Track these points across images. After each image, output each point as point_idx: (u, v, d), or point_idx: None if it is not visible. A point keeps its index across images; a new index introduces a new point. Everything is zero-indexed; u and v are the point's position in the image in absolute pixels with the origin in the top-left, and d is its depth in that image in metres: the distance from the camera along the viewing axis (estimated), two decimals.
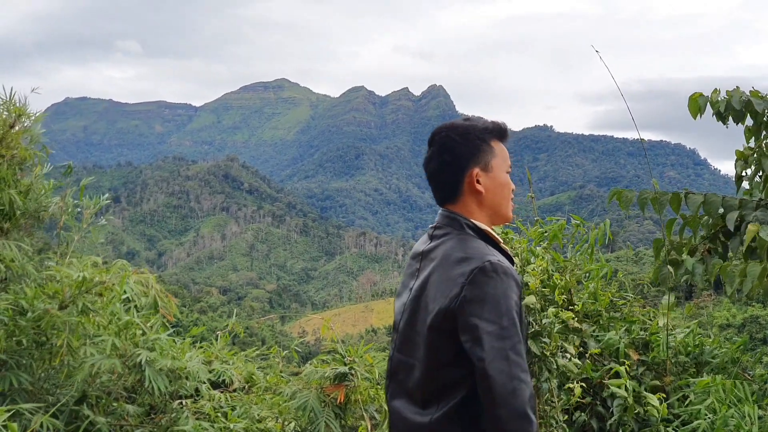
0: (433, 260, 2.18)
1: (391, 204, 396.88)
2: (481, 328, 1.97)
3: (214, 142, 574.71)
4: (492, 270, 2.02)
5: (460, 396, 2.06)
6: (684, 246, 4.36)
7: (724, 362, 4.34)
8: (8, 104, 4.21)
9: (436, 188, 2.27)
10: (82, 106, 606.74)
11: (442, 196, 2.27)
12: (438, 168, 2.23)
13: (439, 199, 2.28)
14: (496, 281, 2.02)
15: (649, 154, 5.93)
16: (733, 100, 4.35)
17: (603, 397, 4.23)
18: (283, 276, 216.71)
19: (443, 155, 2.21)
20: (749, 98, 4.33)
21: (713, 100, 4.43)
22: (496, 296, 2.00)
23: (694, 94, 4.47)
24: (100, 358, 3.69)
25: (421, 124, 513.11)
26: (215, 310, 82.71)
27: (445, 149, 2.21)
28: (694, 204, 4.12)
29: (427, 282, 2.15)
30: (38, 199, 4.14)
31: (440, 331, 2.07)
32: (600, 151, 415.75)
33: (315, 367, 4.44)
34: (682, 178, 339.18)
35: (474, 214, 2.23)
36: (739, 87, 4.45)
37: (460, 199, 2.23)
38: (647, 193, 4.26)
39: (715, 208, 4.06)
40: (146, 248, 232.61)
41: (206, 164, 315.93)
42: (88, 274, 3.80)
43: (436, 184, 2.27)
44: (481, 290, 2.00)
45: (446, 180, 2.23)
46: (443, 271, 2.11)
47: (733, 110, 4.37)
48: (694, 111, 4.45)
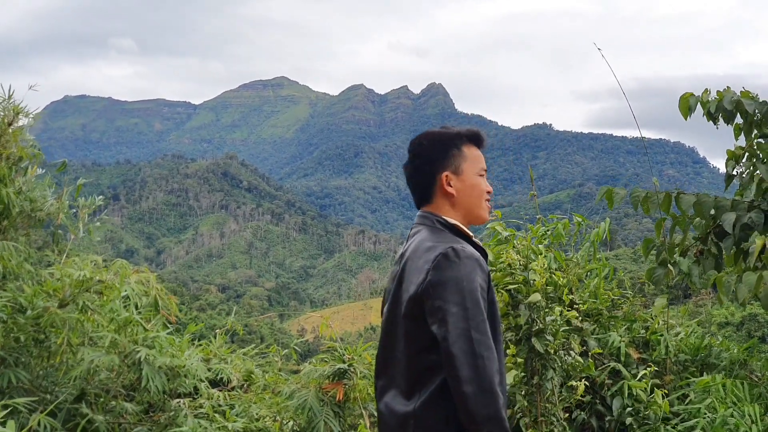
0: (405, 255, 2.30)
1: (390, 202, 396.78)
2: (444, 310, 2.07)
3: (213, 140, 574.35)
4: (455, 255, 2.13)
5: (439, 380, 2.12)
6: (677, 247, 4.35)
7: (731, 364, 4.34)
8: (6, 102, 4.19)
9: (413, 191, 2.42)
10: (81, 104, 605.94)
11: (418, 198, 2.41)
12: (412, 172, 2.39)
13: (416, 201, 2.43)
14: (459, 265, 2.12)
15: (648, 153, 5.92)
16: (724, 101, 4.36)
17: (603, 396, 4.22)
18: (282, 274, 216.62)
19: (416, 160, 2.37)
20: (739, 98, 4.33)
21: (704, 100, 4.44)
22: (458, 279, 2.09)
23: (685, 94, 4.47)
24: (99, 354, 3.68)
25: (420, 122, 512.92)
26: (214, 308, 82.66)
27: (418, 155, 2.37)
28: (686, 204, 4.12)
29: (402, 276, 2.26)
30: (34, 198, 4.12)
31: (413, 318, 2.17)
32: (599, 149, 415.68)
33: (314, 366, 4.43)
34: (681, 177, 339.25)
35: (448, 214, 2.35)
36: (730, 87, 4.46)
37: (434, 200, 2.37)
38: (639, 192, 4.25)
39: (707, 209, 4.06)
40: (145, 246, 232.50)
41: (205, 162, 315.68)
42: (89, 273, 3.80)
43: (412, 187, 2.42)
44: (444, 274, 2.11)
45: (420, 182, 2.39)
46: (413, 263, 2.22)
47: (723, 110, 4.37)
48: (684, 111, 4.45)
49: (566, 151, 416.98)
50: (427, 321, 2.12)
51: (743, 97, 4.33)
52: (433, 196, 2.36)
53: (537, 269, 4.29)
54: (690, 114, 4.43)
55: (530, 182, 5.49)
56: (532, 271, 4.27)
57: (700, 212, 4.07)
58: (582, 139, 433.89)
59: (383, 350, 2.34)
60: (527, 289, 4.22)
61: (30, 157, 4.23)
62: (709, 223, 4.17)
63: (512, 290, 4.21)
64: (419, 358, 2.15)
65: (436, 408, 2.11)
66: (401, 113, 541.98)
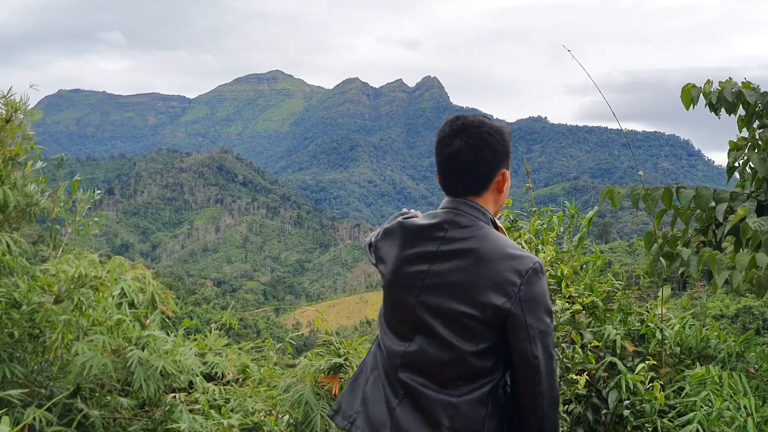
0: (462, 249, 2.18)
1: (385, 195, 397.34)
2: (534, 327, 2.11)
3: (208, 134, 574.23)
4: (541, 271, 2.14)
5: (492, 383, 2.17)
6: (678, 239, 4.35)
7: (727, 356, 4.35)
8: (5, 99, 4.17)
9: (463, 178, 2.26)
10: (76, 98, 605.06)
11: (466, 188, 2.27)
12: (474, 161, 2.22)
13: (460, 188, 2.27)
14: (543, 281, 2.14)
15: (643, 145, 5.95)
16: (725, 92, 4.35)
17: (599, 389, 4.23)
18: (278, 268, 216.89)
19: (484, 151, 2.22)
20: (741, 89, 4.32)
21: (706, 91, 4.43)
22: (545, 296, 2.14)
23: (687, 85, 4.46)
24: (92, 355, 3.67)
25: (415, 115, 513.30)
26: (209, 302, 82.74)
27: (487, 145, 2.23)
28: (685, 198, 4.11)
29: (462, 270, 2.16)
30: (29, 193, 4.11)
31: (482, 321, 2.12)
32: (594, 143, 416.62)
33: (310, 360, 4.43)
34: (676, 169, 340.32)
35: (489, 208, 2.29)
36: (731, 78, 4.45)
37: (483, 194, 2.27)
38: (638, 189, 4.24)
39: (707, 202, 4.05)
40: (140, 240, 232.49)
41: (200, 156, 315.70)
42: (84, 269, 3.78)
43: (465, 175, 2.25)
44: (534, 290, 2.11)
45: (480, 174, 2.25)
46: (489, 266, 2.13)
47: (725, 101, 4.36)
48: (687, 102, 4.44)
49: (561, 144, 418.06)
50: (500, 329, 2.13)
51: (744, 88, 4.32)
52: (484, 190, 2.26)
53: (543, 261, 4.30)
54: (693, 105, 4.42)
55: (526, 175, 5.49)
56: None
57: (700, 205, 4.06)
58: (577, 132, 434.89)
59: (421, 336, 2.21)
60: None
61: (27, 152, 4.20)
62: (710, 215, 4.17)
63: None
64: (474, 359, 2.14)
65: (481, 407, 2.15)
66: (396, 107, 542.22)
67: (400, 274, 2.29)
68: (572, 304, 4.54)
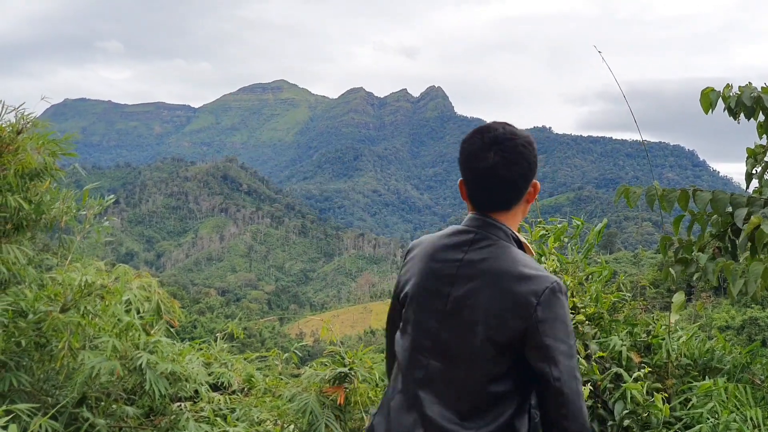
0: (480, 271, 2.15)
1: (390, 205, 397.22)
2: (554, 348, 2.04)
3: (213, 143, 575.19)
4: (559, 290, 2.08)
5: (512, 410, 2.12)
6: (694, 244, 4.31)
7: (733, 368, 4.33)
8: (15, 111, 4.20)
9: (497, 194, 2.20)
10: (81, 107, 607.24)
11: (497, 202, 2.22)
12: (511, 177, 2.16)
13: (490, 204, 2.23)
14: (563, 301, 2.09)
15: (648, 155, 5.92)
16: (744, 96, 4.31)
17: (605, 400, 4.22)
18: (282, 277, 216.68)
19: (521, 163, 2.16)
20: (760, 94, 4.28)
21: (725, 95, 4.38)
22: (564, 316, 2.08)
23: (706, 89, 4.43)
24: (100, 360, 3.68)
25: (419, 125, 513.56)
26: (213, 312, 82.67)
27: (523, 158, 2.16)
28: (702, 202, 4.07)
29: (479, 292, 2.13)
30: (43, 202, 4.13)
31: (500, 345, 2.09)
32: (599, 153, 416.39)
33: (315, 370, 4.43)
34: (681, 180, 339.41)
35: (515, 223, 2.25)
36: (751, 83, 4.41)
37: (514, 208, 2.23)
38: (654, 190, 4.21)
39: (723, 206, 4.01)
40: (145, 249, 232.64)
41: (205, 165, 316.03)
42: (90, 278, 3.80)
43: (500, 190, 2.19)
44: (553, 310, 2.06)
45: (515, 188, 2.19)
46: (504, 286, 2.10)
47: (743, 106, 4.33)
48: (705, 106, 4.40)
49: (566, 154, 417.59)
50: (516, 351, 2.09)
51: (764, 93, 4.29)
52: (515, 204, 2.22)
53: None
54: (711, 109, 4.38)
55: None
56: None
57: (717, 209, 4.03)
58: (581, 142, 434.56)
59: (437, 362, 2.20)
60: None
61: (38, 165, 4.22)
62: (727, 220, 4.13)
63: None
64: (492, 385, 2.11)
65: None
66: (401, 116, 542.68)
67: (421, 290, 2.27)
68: (576, 313, 4.54)
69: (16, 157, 4.00)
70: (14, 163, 3.98)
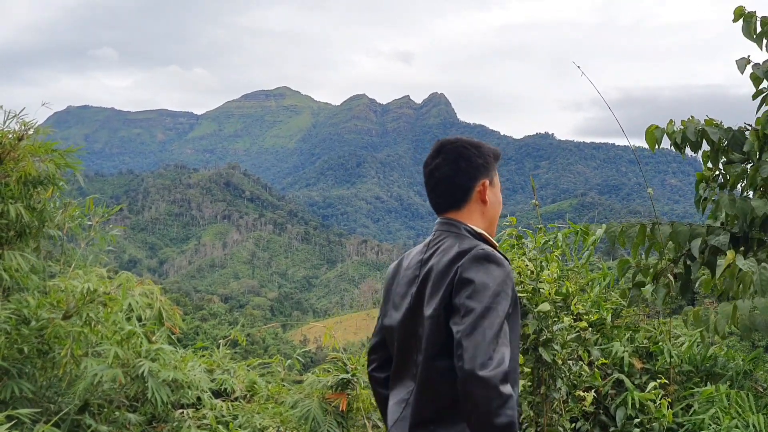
0: (430, 261, 2.25)
1: (393, 212, 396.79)
2: (464, 305, 2.05)
3: (216, 150, 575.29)
4: (484, 257, 2.13)
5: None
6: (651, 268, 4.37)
7: (735, 374, 4.34)
8: (17, 117, 4.22)
9: (443, 194, 2.36)
10: (84, 115, 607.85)
11: (448, 202, 2.36)
12: (451, 173, 2.32)
13: (443, 205, 2.37)
14: (487, 267, 2.11)
15: (650, 162, 5.96)
16: (687, 131, 4.43)
17: (606, 406, 4.21)
18: (285, 284, 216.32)
19: (459, 162, 2.32)
20: (704, 128, 4.39)
21: (669, 131, 4.52)
22: (484, 279, 2.08)
23: (651, 127, 4.57)
24: (103, 368, 3.69)
25: (422, 131, 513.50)
26: (216, 318, 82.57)
27: (461, 157, 2.32)
28: (663, 235, 4.18)
29: (427, 280, 2.22)
30: (45, 209, 4.14)
31: (436, 318, 2.14)
32: (601, 159, 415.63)
33: (317, 376, 4.43)
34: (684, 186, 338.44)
35: (475, 222, 2.34)
36: (693, 116, 4.52)
37: (466, 206, 2.35)
38: (614, 227, 4.34)
39: (683, 238, 4.13)
40: (148, 256, 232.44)
41: (208, 172, 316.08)
42: (93, 285, 3.80)
43: (445, 189, 2.36)
44: (471, 273, 2.10)
45: (458, 186, 2.33)
46: (440, 267, 2.19)
47: (688, 140, 4.43)
48: (651, 143, 4.54)
49: (568, 160, 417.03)
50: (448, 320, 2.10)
51: (707, 125, 4.41)
52: (465, 203, 2.34)
53: (547, 278, 4.30)
54: (657, 146, 4.52)
55: (532, 192, 5.50)
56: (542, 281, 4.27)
57: (677, 242, 4.14)
58: (584, 149, 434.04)
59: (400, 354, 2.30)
60: (536, 298, 4.23)
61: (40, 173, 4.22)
62: (681, 247, 4.23)
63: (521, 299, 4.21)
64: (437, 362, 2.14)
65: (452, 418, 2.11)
66: (403, 123, 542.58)
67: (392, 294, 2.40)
68: (579, 320, 4.53)
69: (19, 164, 4.01)
70: (16, 171, 4.00)
